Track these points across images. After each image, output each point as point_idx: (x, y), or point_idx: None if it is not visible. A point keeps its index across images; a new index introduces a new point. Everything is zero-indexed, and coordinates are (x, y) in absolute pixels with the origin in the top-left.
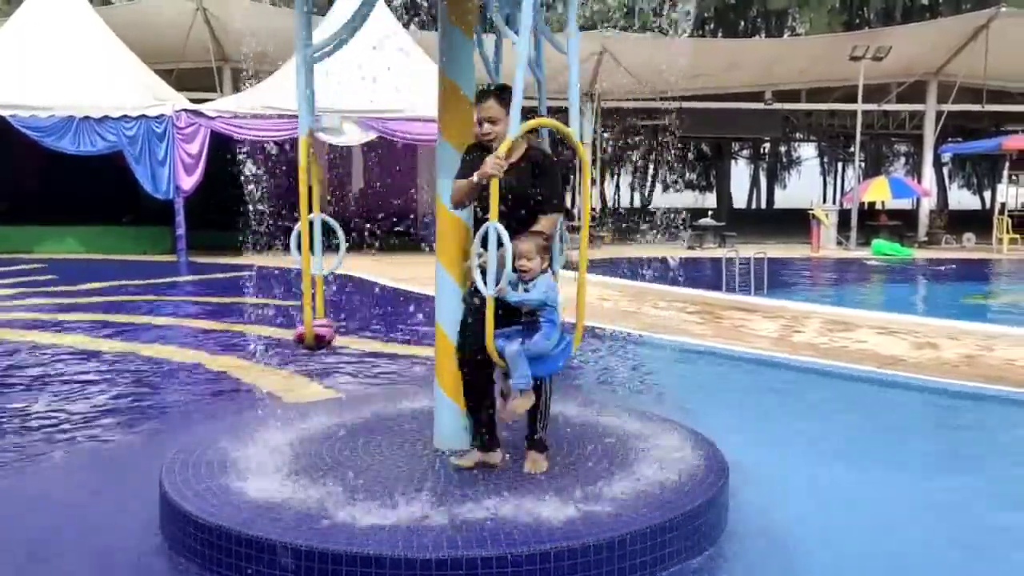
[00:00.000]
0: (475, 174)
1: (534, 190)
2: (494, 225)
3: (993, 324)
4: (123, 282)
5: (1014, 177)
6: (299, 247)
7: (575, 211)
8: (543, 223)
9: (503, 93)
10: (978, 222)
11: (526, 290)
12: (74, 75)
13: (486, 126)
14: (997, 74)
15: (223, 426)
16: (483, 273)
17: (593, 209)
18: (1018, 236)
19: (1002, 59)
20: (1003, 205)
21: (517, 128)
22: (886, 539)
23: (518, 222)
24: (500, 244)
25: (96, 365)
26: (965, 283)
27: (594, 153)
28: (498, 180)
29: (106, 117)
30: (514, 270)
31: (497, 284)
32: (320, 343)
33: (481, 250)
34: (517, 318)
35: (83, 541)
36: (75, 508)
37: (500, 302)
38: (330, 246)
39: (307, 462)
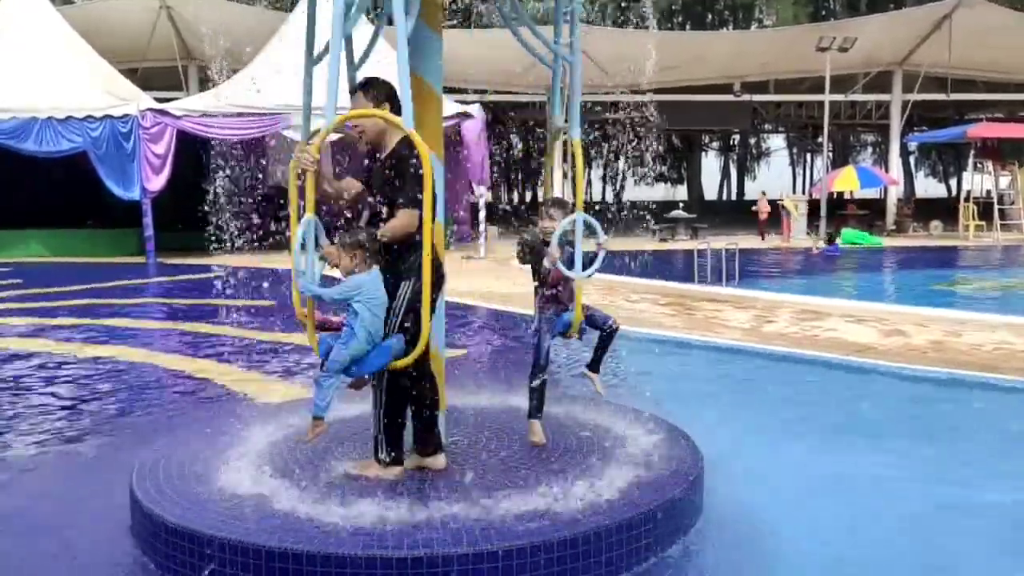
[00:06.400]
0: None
1: (390, 186)
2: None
3: (960, 310)
4: (91, 285)
5: (979, 165)
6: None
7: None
8: (392, 221)
9: (368, 87)
10: (945, 210)
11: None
12: (36, 76)
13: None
14: (961, 63)
15: (194, 428)
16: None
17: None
18: (983, 223)
19: (966, 48)
20: (968, 192)
21: (332, 118)
22: (860, 523)
23: (384, 220)
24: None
25: (66, 369)
26: (934, 270)
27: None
28: (315, 174)
29: (70, 118)
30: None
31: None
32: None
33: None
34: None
35: (54, 547)
36: (46, 515)
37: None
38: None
39: (278, 464)
